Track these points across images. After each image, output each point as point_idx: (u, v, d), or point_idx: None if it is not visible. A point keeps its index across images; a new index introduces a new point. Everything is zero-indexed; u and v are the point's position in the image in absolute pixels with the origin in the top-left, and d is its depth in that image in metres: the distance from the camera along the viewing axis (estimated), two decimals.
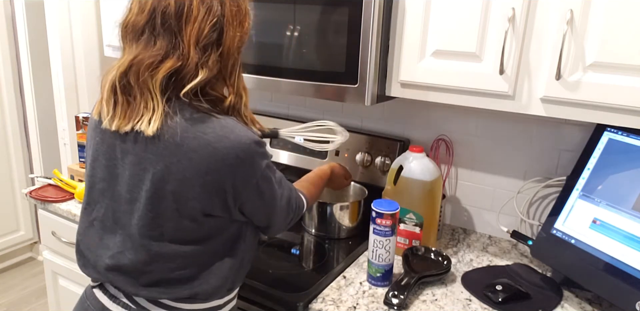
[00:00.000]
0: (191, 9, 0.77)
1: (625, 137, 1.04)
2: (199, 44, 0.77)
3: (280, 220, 0.93)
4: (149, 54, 0.77)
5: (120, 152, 0.83)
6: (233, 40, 0.81)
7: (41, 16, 1.92)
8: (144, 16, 0.78)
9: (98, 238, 0.90)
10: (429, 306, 1.05)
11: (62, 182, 1.54)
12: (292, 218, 0.96)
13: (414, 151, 1.21)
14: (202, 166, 0.78)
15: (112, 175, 0.86)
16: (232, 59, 0.82)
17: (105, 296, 0.90)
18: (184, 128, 0.78)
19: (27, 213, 2.61)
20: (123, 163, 0.83)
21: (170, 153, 0.78)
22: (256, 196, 0.84)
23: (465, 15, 1.00)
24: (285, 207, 0.92)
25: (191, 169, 0.78)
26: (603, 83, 0.90)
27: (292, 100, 1.64)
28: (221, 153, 0.77)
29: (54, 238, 1.55)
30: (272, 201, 0.88)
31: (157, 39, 0.78)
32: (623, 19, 0.86)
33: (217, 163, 0.78)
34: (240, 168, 0.79)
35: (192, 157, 0.77)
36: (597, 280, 1.00)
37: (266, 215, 0.89)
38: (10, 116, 2.42)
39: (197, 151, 0.77)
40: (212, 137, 0.77)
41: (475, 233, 1.42)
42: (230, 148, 0.78)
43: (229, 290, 0.92)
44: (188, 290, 0.86)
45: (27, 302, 2.37)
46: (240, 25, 0.82)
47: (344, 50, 1.09)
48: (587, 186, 1.08)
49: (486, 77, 1.01)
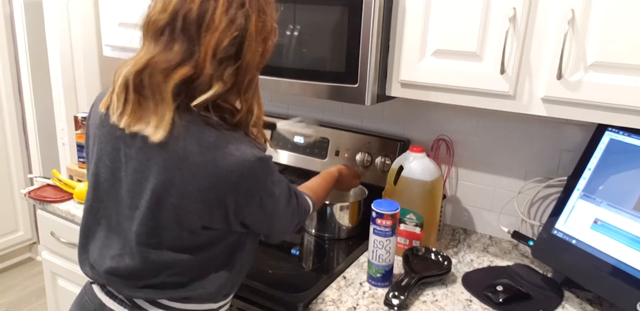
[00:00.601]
0: (213, 18, 0.74)
1: (627, 137, 1.04)
2: (216, 56, 0.75)
3: (284, 228, 0.93)
4: (165, 57, 0.75)
5: (124, 157, 0.82)
6: (253, 56, 0.78)
7: (40, 16, 1.91)
8: (166, 16, 0.75)
9: (104, 236, 0.90)
10: (430, 306, 1.05)
11: (60, 182, 1.53)
12: (297, 223, 0.96)
13: (414, 151, 1.21)
14: (205, 181, 0.77)
15: (115, 178, 0.85)
16: (249, 75, 0.79)
17: (102, 292, 0.90)
18: (190, 141, 0.76)
19: (26, 214, 2.60)
20: (126, 167, 0.82)
21: (174, 166, 0.77)
22: (258, 210, 0.83)
23: (466, 15, 1.00)
24: (289, 216, 0.91)
25: (194, 184, 0.77)
26: (604, 83, 0.90)
27: (292, 100, 1.64)
28: (225, 170, 0.76)
29: (52, 239, 1.54)
30: (275, 213, 0.87)
31: (175, 43, 0.75)
32: (624, 19, 0.86)
33: (220, 179, 0.77)
34: (244, 185, 0.78)
35: (196, 172, 0.76)
36: (598, 281, 1.00)
37: (268, 225, 0.89)
38: (9, 116, 2.41)
39: (201, 166, 0.76)
40: (217, 154, 0.76)
41: (476, 234, 1.42)
42: (234, 165, 0.76)
43: (225, 295, 0.92)
44: (183, 293, 0.86)
45: (26, 302, 2.37)
46: (263, 41, 0.79)
47: (344, 50, 1.09)
48: (588, 186, 1.08)
49: (487, 77, 1.01)
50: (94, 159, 0.88)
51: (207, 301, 0.89)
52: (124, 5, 1.48)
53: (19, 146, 2.49)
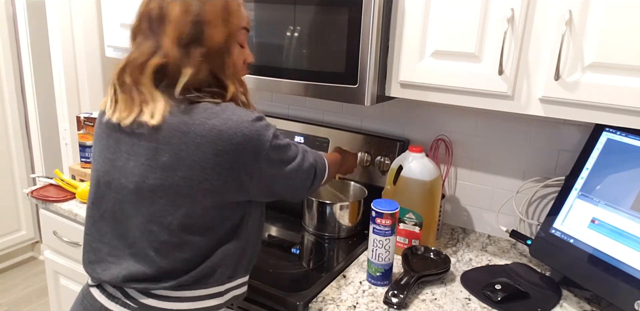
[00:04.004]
0: (169, 10, 0.83)
1: (624, 137, 1.05)
2: (181, 43, 0.82)
3: (300, 183, 0.95)
4: (139, 53, 0.84)
5: (125, 145, 0.87)
6: (217, 38, 0.84)
7: (42, 17, 1.93)
8: (136, 21, 0.87)
9: (110, 229, 0.91)
10: (429, 305, 1.05)
11: (63, 182, 1.54)
12: (314, 179, 0.97)
13: (413, 151, 1.22)
14: (211, 148, 0.81)
15: (115, 168, 0.88)
16: (219, 56, 0.86)
17: (103, 295, 0.90)
18: (188, 117, 0.82)
19: (29, 213, 2.61)
20: (128, 155, 0.86)
21: (177, 141, 0.81)
22: (270, 166, 0.86)
23: (465, 15, 1.01)
24: (304, 169, 0.93)
25: (199, 153, 0.81)
26: (602, 83, 0.91)
27: (292, 100, 1.65)
28: (227, 134, 0.81)
29: (55, 238, 1.55)
30: (288, 166, 0.90)
31: (146, 41, 0.84)
32: (621, 20, 0.87)
33: (225, 143, 0.81)
34: (249, 143, 0.82)
35: (200, 142, 0.81)
36: (596, 279, 1.00)
37: (285, 181, 0.91)
38: (11, 116, 2.42)
39: (204, 135, 0.81)
40: (216, 121, 0.81)
41: (475, 233, 1.43)
42: (235, 127, 0.82)
43: (230, 277, 0.92)
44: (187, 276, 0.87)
45: (28, 302, 2.38)
46: (224, 24, 0.85)
47: (344, 50, 1.10)
48: (586, 186, 1.08)
49: (485, 78, 1.01)
50: (95, 157, 0.93)
51: (211, 283, 0.90)
52: (125, 7, 1.50)
53: (22, 146, 2.50)
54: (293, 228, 1.41)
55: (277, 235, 1.37)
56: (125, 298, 0.88)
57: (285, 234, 1.38)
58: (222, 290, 0.92)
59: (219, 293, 0.92)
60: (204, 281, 0.88)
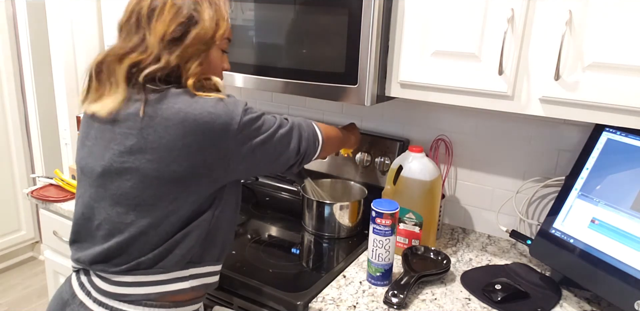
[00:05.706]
0: (163, 10, 0.85)
1: (624, 137, 1.05)
2: (164, 39, 0.85)
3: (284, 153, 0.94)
4: (121, 45, 0.87)
5: (95, 131, 0.90)
6: (200, 38, 0.87)
7: (42, 17, 1.93)
8: (125, 16, 0.89)
9: (82, 211, 0.94)
10: (429, 305, 1.05)
11: (63, 182, 1.55)
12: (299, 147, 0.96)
13: (413, 151, 1.22)
14: (179, 129, 0.82)
15: (90, 154, 0.91)
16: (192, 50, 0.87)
17: (77, 282, 0.93)
18: (154, 102, 0.84)
19: (29, 213, 2.61)
20: (96, 140, 0.90)
21: (145, 125, 0.83)
22: (244, 140, 0.86)
23: (465, 15, 1.01)
24: (286, 139, 0.93)
25: (167, 136, 0.82)
26: (601, 83, 0.91)
27: (292, 100, 1.65)
28: (194, 115, 0.82)
29: (55, 238, 1.55)
30: (263, 136, 0.89)
31: (131, 35, 0.87)
32: (621, 20, 0.87)
33: (193, 123, 0.82)
34: (216, 121, 0.83)
35: (167, 124, 0.82)
36: (596, 279, 1.01)
37: (265, 151, 0.90)
38: (11, 116, 2.42)
39: (171, 118, 0.82)
40: (182, 104, 0.83)
41: (475, 233, 1.43)
42: (201, 108, 0.83)
43: (193, 263, 0.92)
44: (145, 258, 0.88)
45: (28, 301, 2.38)
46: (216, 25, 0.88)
47: (344, 50, 1.10)
48: (586, 186, 1.08)
49: (485, 78, 1.01)
50: (78, 144, 0.97)
51: (172, 268, 0.90)
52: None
53: (22, 146, 2.50)
54: (293, 228, 1.41)
55: (277, 235, 1.37)
56: (90, 285, 0.91)
57: (285, 234, 1.38)
58: (185, 275, 0.91)
59: (182, 278, 0.91)
60: (161, 264, 0.89)
